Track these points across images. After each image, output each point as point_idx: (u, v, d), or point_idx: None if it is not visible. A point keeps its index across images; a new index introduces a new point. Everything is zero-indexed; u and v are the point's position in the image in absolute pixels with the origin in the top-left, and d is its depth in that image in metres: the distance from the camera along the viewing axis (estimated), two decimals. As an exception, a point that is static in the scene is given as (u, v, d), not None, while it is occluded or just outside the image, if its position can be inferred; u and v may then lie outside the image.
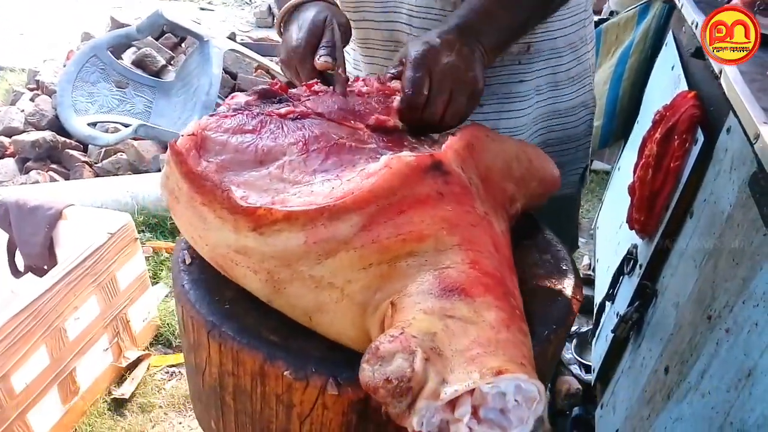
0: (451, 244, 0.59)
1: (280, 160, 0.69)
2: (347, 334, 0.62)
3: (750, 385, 0.81)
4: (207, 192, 0.64)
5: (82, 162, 2.79)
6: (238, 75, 3.31)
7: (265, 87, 0.81)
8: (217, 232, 0.65)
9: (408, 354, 0.50)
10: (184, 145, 0.69)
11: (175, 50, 3.52)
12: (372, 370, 0.51)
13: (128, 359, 1.91)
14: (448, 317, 0.53)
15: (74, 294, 1.64)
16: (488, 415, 0.50)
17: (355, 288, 0.60)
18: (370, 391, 0.51)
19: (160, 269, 2.37)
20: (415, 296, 0.56)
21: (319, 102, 0.80)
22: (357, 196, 0.60)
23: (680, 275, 1.21)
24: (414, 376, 0.49)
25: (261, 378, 0.64)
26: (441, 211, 0.61)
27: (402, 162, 0.62)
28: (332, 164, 0.68)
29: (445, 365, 0.50)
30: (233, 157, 0.69)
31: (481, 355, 0.50)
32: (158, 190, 2.47)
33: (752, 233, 0.91)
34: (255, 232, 0.61)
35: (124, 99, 2.97)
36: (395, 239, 0.59)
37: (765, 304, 0.82)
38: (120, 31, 2.99)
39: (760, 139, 0.84)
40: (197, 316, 0.67)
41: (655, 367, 1.20)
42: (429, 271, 0.58)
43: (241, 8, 6.09)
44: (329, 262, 0.60)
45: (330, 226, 0.59)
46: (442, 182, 0.63)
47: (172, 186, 0.70)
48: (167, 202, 0.73)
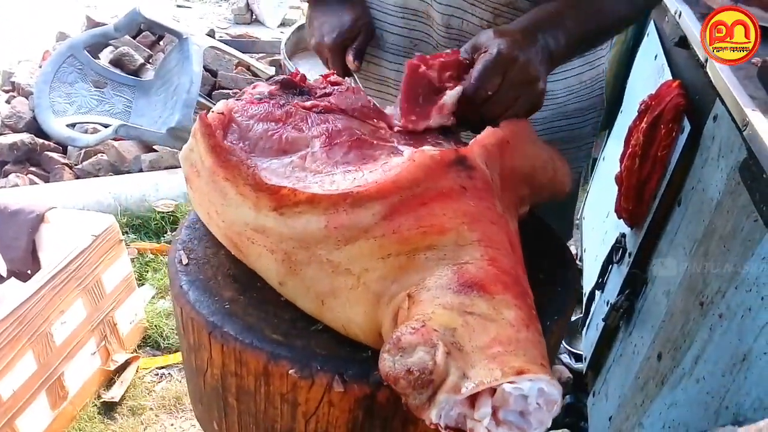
0: (471, 240, 0.59)
1: (302, 150, 0.69)
2: (356, 322, 0.62)
3: (745, 369, 0.82)
4: (232, 167, 0.65)
5: (61, 164, 2.74)
6: (218, 72, 3.27)
7: (286, 77, 0.81)
8: (237, 209, 0.65)
9: (430, 347, 0.50)
10: (213, 120, 0.69)
11: (153, 48, 3.47)
12: (393, 361, 0.51)
13: (117, 362, 1.88)
14: (467, 313, 0.53)
15: (60, 298, 1.61)
16: (508, 417, 0.50)
17: (372, 277, 0.60)
18: (390, 382, 0.51)
19: (145, 270, 2.34)
20: (433, 290, 0.56)
21: (342, 98, 0.80)
22: (381, 185, 0.60)
23: (670, 263, 1.23)
24: (436, 369, 0.49)
25: (265, 377, 0.63)
26: (463, 206, 0.61)
27: (426, 155, 0.62)
28: (354, 158, 0.68)
29: (466, 361, 0.50)
30: (257, 143, 0.70)
31: (502, 353, 0.50)
32: (141, 191, 2.44)
33: (742, 219, 0.92)
34: (275, 212, 0.62)
35: (103, 99, 2.92)
36: (416, 231, 0.59)
37: (758, 288, 0.83)
38: (97, 30, 2.93)
39: (749, 125, 0.86)
40: (197, 317, 0.67)
41: (648, 354, 1.21)
42: (448, 265, 0.58)
43: (218, 5, 6.01)
44: (348, 248, 0.60)
45: (352, 212, 0.60)
46: (465, 176, 0.63)
47: (195, 159, 0.70)
48: (187, 175, 0.73)
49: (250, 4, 5.39)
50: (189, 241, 0.77)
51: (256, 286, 0.71)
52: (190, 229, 0.79)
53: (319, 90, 0.81)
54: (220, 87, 3.23)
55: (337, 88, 0.82)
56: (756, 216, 0.87)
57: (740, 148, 0.98)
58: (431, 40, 1.04)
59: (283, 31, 4.83)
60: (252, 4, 5.37)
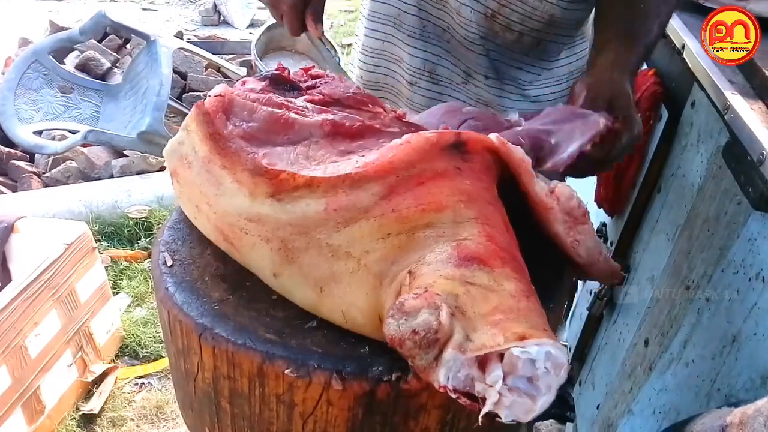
0: (468, 217, 0.60)
1: (306, 138, 0.69)
2: (359, 306, 0.61)
3: (735, 351, 0.83)
4: (230, 153, 0.65)
5: (29, 172, 2.67)
6: (188, 74, 3.22)
7: (276, 72, 0.79)
8: (231, 198, 0.64)
9: (434, 309, 0.50)
10: (211, 106, 0.68)
11: (119, 52, 3.40)
12: (398, 324, 0.51)
13: (94, 373, 1.84)
14: (468, 284, 0.54)
15: (33, 309, 1.57)
16: (517, 384, 0.49)
17: (373, 258, 0.60)
18: (396, 344, 0.51)
19: (120, 279, 2.29)
20: (434, 264, 0.56)
21: (333, 88, 0.79)
22: (377, 165, 0.61)
23: (653, 249, 1.24)
24: (441, 327, 0.49)
25: (260, 379, 0.61)
26: (460, 185, 0.62)
27: (422, 137, 0.63)
28: (358, 146, 0.68)
29: (469, 325, 0.51)
30: (261, 126, 0.69)
31: (504, 320, 0.51)
32: (112, 197, 2.38)
33: (726, 202, 0.93)
34: (273, 198, 0.62)
35: (70, 105, 2.85)
36: (415, 209, 0.59)
37: (745, 270, 0.84)
38: (61, 35, 2.86)
39: (730, 109, 0.86)
40: (186, 320, 0.64)
41: (634, 341, 1.22)
42: (447, 242, 0.58)
43: (185, 7, 5.93)
44: (348, 230, 0.60)
45: (351, 193, 0.60)
46: (460, 159, 0.63)
47: (186, 150, 0.69)
48: (173, 169, 0.71)
49: (218, 5, 5.33)
50: (172, 242, 0.75)
51: (245, 285, 0.69)
52: (173, 230, 0.77)
53: (302, 83, 0.79)
54: (190, 89, 3.18)
55: (324, 80, 0.81)
56: (740, 198, 0.87)
57: (720, 132, 0.99)
58: (442, 24, 1.06)
59: (252, 31, 4.79)
60: (219, 5, 5.31)
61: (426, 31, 1.08)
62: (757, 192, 0.79)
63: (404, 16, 1.08)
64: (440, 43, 1.08)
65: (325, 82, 0.80)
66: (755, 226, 0.83)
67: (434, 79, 1.12)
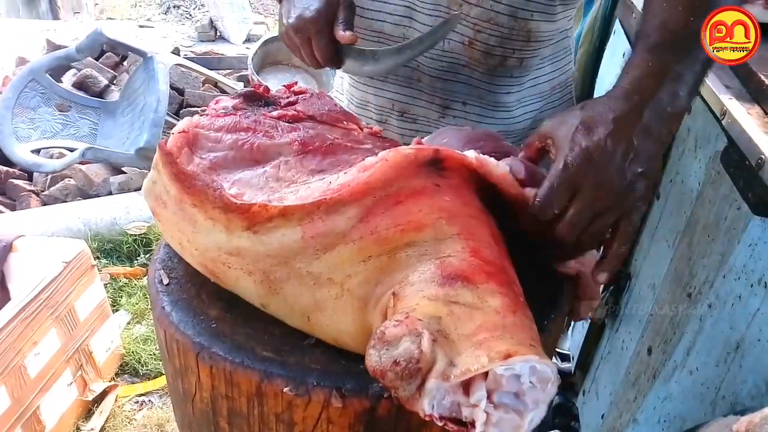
0: (450, 234, 0.58)
1: (275, 159, 0.67)
2: (348, 332, 0.60)
3: (740, 357, 0.82)
4: (198, 192, 0.63)
5: (28, 191, 2.66)
6: (185, 90, 3.22)
7: (250, 89, 0.78)
8: (208, 234, 0.63)
9: (415, 336, 0.48)
10: (175, 144, 0.67)
11: (117, 69, 3.41)
12: (379, 355, 0.49)
13: (94, 392, 1.82)
14: (452, 303, 0.52)
15: (32, 329, 1.56)
16: (503, 400, 0.48)
17: (355, 282, 0.58)
18: (378, 376, 0.50)
19: (119, 296, 2.28)
20: (417, 284, 0.55)
21: (309, 105, 0.78)
22: (353, 187, 0.58)
23: (653, 257, 1.23)
24: (422, 356, 0.48)
25: (258, 398, 0.60)
26: (439, 202, 0.60)
27: (399, 154, 0.60)
28: (329, 164, 0.67)
29: (452, 348, 0.49)
30: (227, 154, 0.67)
31: (488, 339, 0.49)
32: (111, 214, 2.37)
33: (725, 208, 0.92)
34: (249, 231, 0.60)
35: (68, 122, 2.85)
36: (394, 230, 0.58)
37: (746, 276, 0.84)
38: (58, 53, 2.86)
39: (727, 114, 0.86)
40: (183, 339, 0.64)
41: (637, 349, 1.21)
42: (430, 260, 0.56)
43: (181, 23, 5.95)
44: (327, 256, 0.59)
45: (327, 219, 0.58)
46: (437, 175, 0.61)
47: (159, 191, 0.67)
48: (152, 208, 0.71)
49: (214, 21, 5.35)
50: (168, 260, 0.74)
51: (243, 302, 0.68)
52: (169, 247, 0.76)
53: (283, 100, 0.79)
54: (187, 105, 3.18)
55: (302, 97, 0.80)
56: (739, 204, 0.87)
57: (717, 137, 0.99)
58: (411, 64, 1.00)
59: (248, 46, 4.80)
60: (216, 21, 5.32)
61: (397, 77, 1.03)
62: (757, 197, 0.78)
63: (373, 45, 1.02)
64: (411, 84, 1.04)
65: (304, 99, 0.79)
66: (755, 231, 0.83)
67: (407, 118, 1.07)
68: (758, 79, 0.91)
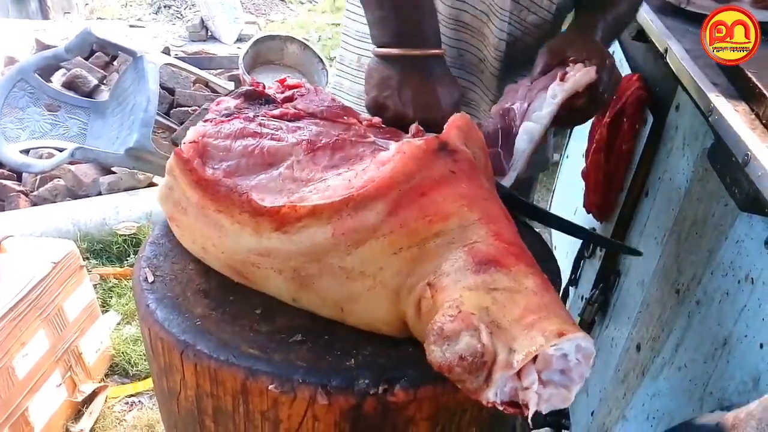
0: (473, 220, 0.60)
1: (287, 160, 0.67)
2: (382, 320, 0.63)
3: (727, 353, 0.82)
4: (222, 198, 0.63)
5: (17, 192, 2.64)
6: (176, 90, 3.21)
7: (249, 88, 0.79)
8: (236, 237, 0.64)
9: (473, 330, 0.51)
10: (188, 153, 0.67)
11: (106, 69, 3.39)
12: (442, 351, 0.52)
13: (84, 393, 1.81)
14: (492, 290, 0.54)
15: (20, 330, 1.54)
16: (552, 377, 0.51)
17: (388, 274, 0.60)
18: (444, 371, 0.52)
19: (109, 296, 2.27)
20: (453, 274, 0.56)
21: (308, 102, 0.78)
22: (379, 182, 0.59)
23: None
24: (486, 350, 0.50)
25: (243, 396, 0.60)
26: (458, 189, 0.62)
27: (413, 146, 0.62)
28: (340, 159, 0.67)
29: (507, 336, 0.51)
30: (239, 161, 0.68)
31: (537, 320, 0.51)
32: (101, 215, 2.36)
33: (713, 204, 0.93)
34: (279, 232, 0.61)
35: (57, 122, 2.83)
36: (422, 221, 0.59)
37: (734, 272, 0.84)
38: (47, 53, 2.84)
39: (714, 111, 0.86)
40: (167, 337, 0.63)
41: (626, 346, 1.22)
42: (458, 248, 0.58)
43: (172, 23, 5.93)
44: (359, 251, 0.60)
45: (356, 215, 0.59)
46: (451, 161, 0.63)
47: (178, 197, 0.68)
48: (170, 214, 0.71)
49: (205, 21, 5.33)
50: (154, 258, 0.74)
51: (229, 300, 0.68)
52: (155, 245, 0.76)
53: (279, 95, 0.79)
54: (178, 105, 3.17)
55: (297, 91, 0.80)
56: (726, 200, 0.87)
57: (705, 134, 0.99)
58: (479, 54, 1.07)
59: (239, 46, 4.79)
60: (207, 20, 5.31)
61: (463, 60, 1.09)
62: (743, 193, 0.79)
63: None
64: (475, 73, 1.10)
65: (301, 94, 0.80)
66: (742, 227, 0.83)
67: (464, 101, 1.12)
68: (745, 77, 0.91)
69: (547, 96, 0.88)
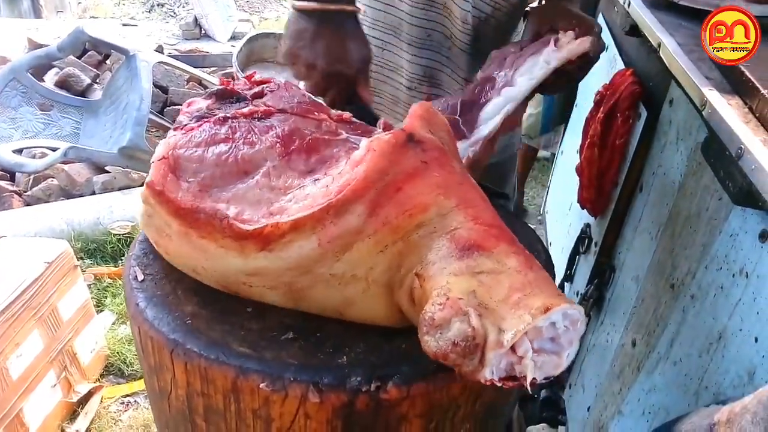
0: (450, 207, 0.61)
1: (263, 167, 0.66)
2: (381, 315, 0.65)
3: (722, 348, 0.82)
4: (202, 224, 0.63)
5: (10, 191, 2.63)
6: (169, 89, 3.20)
7: (220, 87, 0.77)
8: (222, 260, 0.64)
9: (462, 315, 0.52)
10: (158, 173, 0.65)
11: (99, 68, 3.37)
12: (435, 340, 0.53)
13: (79, 393, 1.80)
14: (477, 273, 0.56)
15: (14, 330, 1.53)
16: (543, 346, 0.53)
17: (378, 272, 0.62)
18: (440, 359, 0.53)
19: (103, 296, 2.26)
20: (438, 263, 0.58)
21: (278, 98, 0.77)
22: (354, 185, 0.59)
23: (637, 249, 1.23)
24: (476, 333, 0.52)
25: (234, 394, 0.59)
26: (431, 179, 0.62)
27: (382, 142, 0.62)
28: (315, 162, 0.67)
29: (495, 316, 0.53)
30: (214, 172, 0.66)
31: (523, 298, 0.53)
32: (95, 214, 2.34)
33: (707, 198, 0.92)
34: (264, 251, 0.61)
35: (50, 122, 2.82)
36: (403, 216, 0.60)
37: (728, 266, 0.84)
38: (40, 52, 2.83)
39: (707, 105, 0.86)
40: (157, 336, 0.62)
41: (622, 342, 1.21)
42: (441, 236, 0.60)
43: (165, 21, 5.91)
44: (347, 256, 0.61)
45: (338, 222, 0.59)
46: (420, 151, 0.64)
47: (159, 224, 0.67)
48: (155, 240, 0.70)
49: (199, 19, 5.31)
50: (144, 256, 0.73)
51: (219, 298, 0.67)
52: (146, 243, 0.75)
53: (249, 92, 0.78)
54: (171, 103, 3.16)
55: (266, 87, 0.79)
56: (720, 194, 0.87)
57: (699, 129, 0.99)
58: (446, 31, 1.08)
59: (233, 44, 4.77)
60: (200, 19, 5.29)
61: (430, 40, 1.10)
62: (737, 187, 0.78)
63: (406, 26, 1.10)
64: (441, 51, 1.11)
65: (270, 90, 0.79)
66: (736, 221, 0.83)
67: (434, 83, 1.14)
68: (738, 71, 0.91)
69: (540, 60, 0.90)
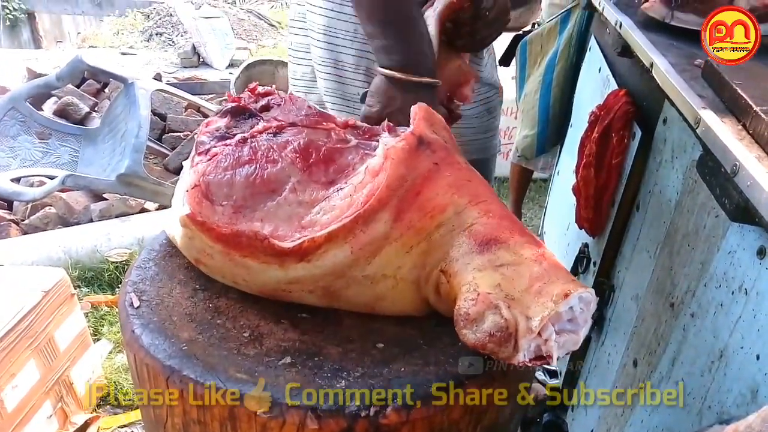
0: (464, 204, 0.68)
1: (288, 183, 0.72)
2: (409, 308, 0.72)
3: (724, 366, 0.81)
4: (245, 246, 0.68)
5: (7, 220, 2.63)
6: (167, 116, 3.22)
7: (233, 105, 0.82)
8: (263, 273, 0.69)
9: (494, 308, 0.58)
10: (193, 200, 0.70)
11: (98, 96, 3.40)
12: (473, 332, 0.59)
13: (75, 424, 1.78)
14: (499, 267, 0.62)
15: (10, 360, 1.52)
16: (564, 327, 0.60)
17: (405, 271, 0.68)
18: (480, 349, 0.59)
19: (101, 325, 2.24)
20: (461, 259, 0.65)
21: (286, 112, 0.82)
22: (379, 195, 0.66)
23: (636, 268, 1.23)
24: (509, 323, 0.58)
25: (231, 422, 0.58)
26: (444, 179, 0.69)
27: (397, 149, 0.68)
28: (334, 172, 0.73)
29: (522, 305, 0.59)
30: (244, 193, 0.72)
31: (544, 286, 0.59)
32: (92, 242, 2.33)
33: (704, 216, 0.92)
34: (303, 262, 0.67)
35: (48, 150, 2.83)
36: (425, 219, 0.67)
37: (727, 283, 0.83)
38: (38, 81, 2.86)
39: (701, 123, 0.86)
40: (153, 363, 0.62)
41: (623, 362, 1.20)
42: (460, 233, 0.66)
43: (164, 50, 5.97)
44: (377, 259, 0.67)
45: (367, 230, 0.66)
46: (431, 153, 0.69)
47: (201, 246, 0.72)
48: (196, 259, 0.75)
49: (197, 47, 5.37)
50: (140, 282, 0.73)
51: (216, 323, 0.66)
52: (141, 269, 0.75)
53: (256, 106, 0.83)
54: (170, 130, 3.18)
55: (271, 99, 0.84)
56: (717, 211, 0.87)
57: (693, 146, 0.99)
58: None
59: (231, 71, 4.82)
60: (199, 47, 5.35)
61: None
62: (733, 203, 0.78)
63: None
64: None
65: (276, 103, 0.83)
66: (734, 238, 0.83)
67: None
68: (731, 88, 0.92)
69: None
